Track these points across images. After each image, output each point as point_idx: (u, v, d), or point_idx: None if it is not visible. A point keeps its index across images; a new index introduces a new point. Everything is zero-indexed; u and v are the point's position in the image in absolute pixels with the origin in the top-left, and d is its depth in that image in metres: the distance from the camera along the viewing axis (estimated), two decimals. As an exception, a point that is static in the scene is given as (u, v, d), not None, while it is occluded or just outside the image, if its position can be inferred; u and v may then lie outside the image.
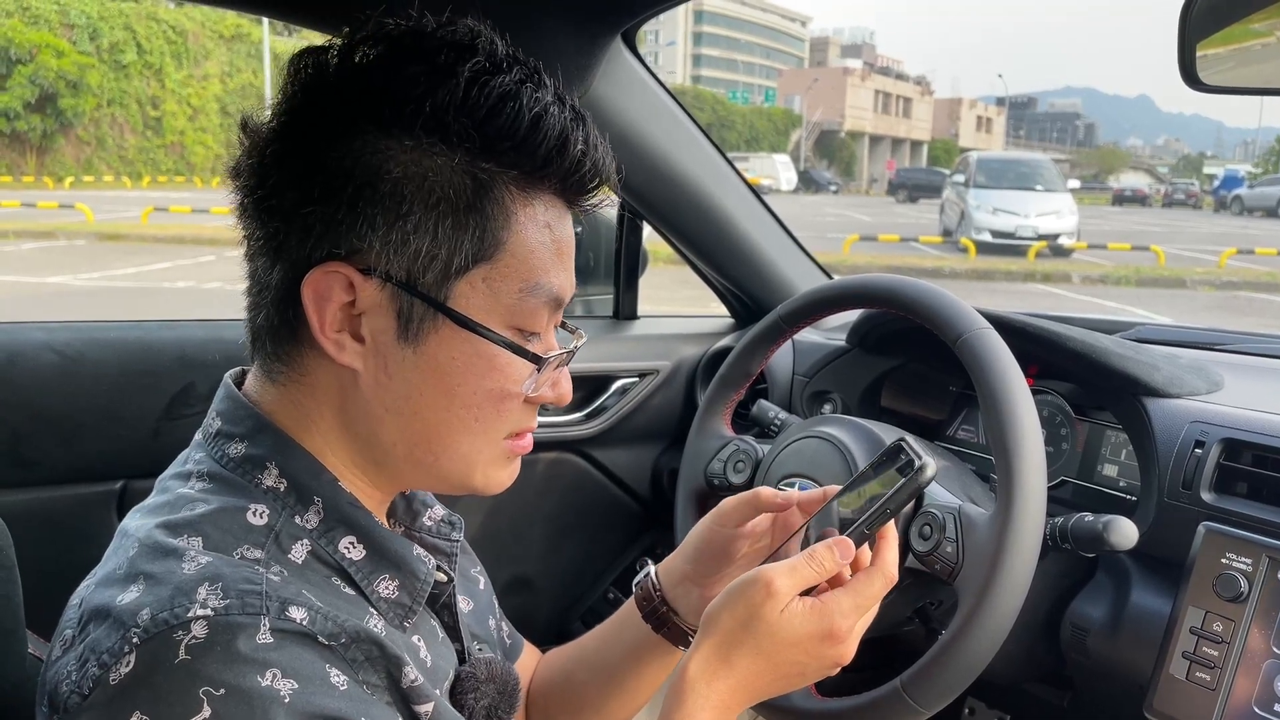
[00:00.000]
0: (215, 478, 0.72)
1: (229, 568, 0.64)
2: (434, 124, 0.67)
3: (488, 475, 0.78)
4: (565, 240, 0.76)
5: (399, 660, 0.68)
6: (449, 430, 0.74)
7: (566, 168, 0.72)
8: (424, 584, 0.75)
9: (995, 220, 16.23)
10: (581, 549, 1.84)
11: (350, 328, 0.71)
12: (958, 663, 0.91)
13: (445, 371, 0.72)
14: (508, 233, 0.71)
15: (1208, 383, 1.22)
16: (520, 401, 0.76)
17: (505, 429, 0.76)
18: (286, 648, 0.61)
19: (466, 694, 0.80)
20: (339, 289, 0.69)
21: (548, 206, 0.73)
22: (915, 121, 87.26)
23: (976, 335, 1.00)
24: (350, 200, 0.68)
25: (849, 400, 1.52)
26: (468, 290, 0.71)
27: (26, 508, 1.23)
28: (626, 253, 1.79)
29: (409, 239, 0.68)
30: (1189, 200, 40.94)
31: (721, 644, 0.76)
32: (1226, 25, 0.98)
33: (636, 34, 1.39)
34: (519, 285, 0.72)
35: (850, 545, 0.77)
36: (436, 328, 0.71)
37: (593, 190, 0.76)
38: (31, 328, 1.31)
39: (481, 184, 0.69)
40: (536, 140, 0.69)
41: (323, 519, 0.72)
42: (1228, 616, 1.00)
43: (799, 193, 42.19)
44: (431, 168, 0.68)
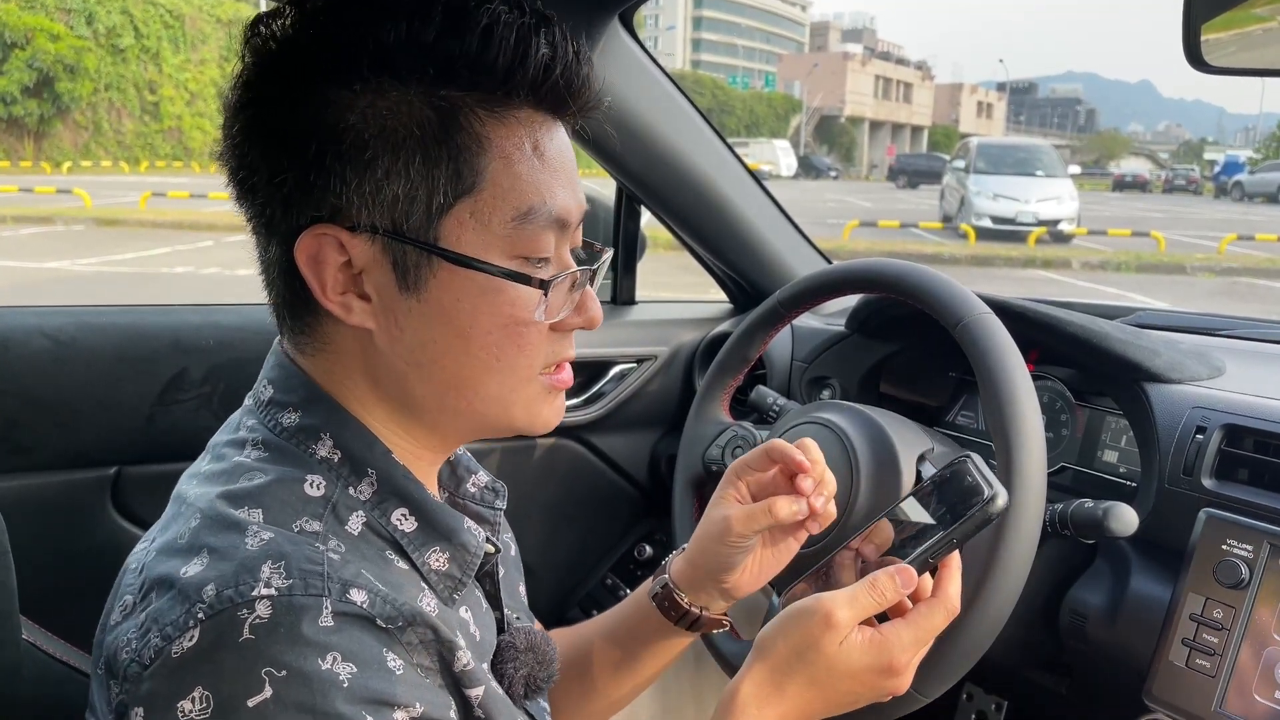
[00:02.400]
0: (270, 446, 0.72)
1: (291, 545, 0.64)
2: (380, 62, 0.66)
3: (531, 413, 0.76)
4: (556, 156, 0.72)
5: (453, 644, 0.68)
6: (472, 373, 0.72)
7: (534, 77, 0.68)
8: (474, 556, 0.75)
9: (995, 206, 16.21)
10: (579, 535, 1.84)
11: (354, 288, 0.70)
12: (956, 649, 0.91)
13: (452, 314, 0.70)
14: (485, 159, 0.68)
15: (1209, 368, 1.21)
16: (543, 332, 0.73)
17: (534, 363, 0.74)
18: (346, 630, 0.61)
19: (506, 663, 0.79)
20: (331, 251, 0.68)
21: (528, 124, 0.70)
22: (916, 107, 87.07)
23: (977, 320, 0.99)
24: (316, 160, 0.66)
25: (848, 386, 1.52)
26: (456, 227, 0.68)
27: (20, 494, 1.23)
28: (625, 237, 1.78)
29: (383, 186, 0.66)
30: (1189, 186, 40.85)
31: (776, 670, 0.74)
32: (1231, 7, 0.98)
33: (634, 16, 1.38)
34: (510, 213, 0.69)
35: (913, 574, 0.75)
36: (434, 271, 0.69)
37: (576, 95, 0.71)
38: (24, 313, 1.31)
39: (445, 114, 0.67)
40: (491, 55, 0.66)
41: (376, 490, 0.72)
42: (1228, 603, 1.00)
43: (799, 178, 42.13)
44: (387, 108, 0.66)
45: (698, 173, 1.56)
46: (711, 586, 0.94)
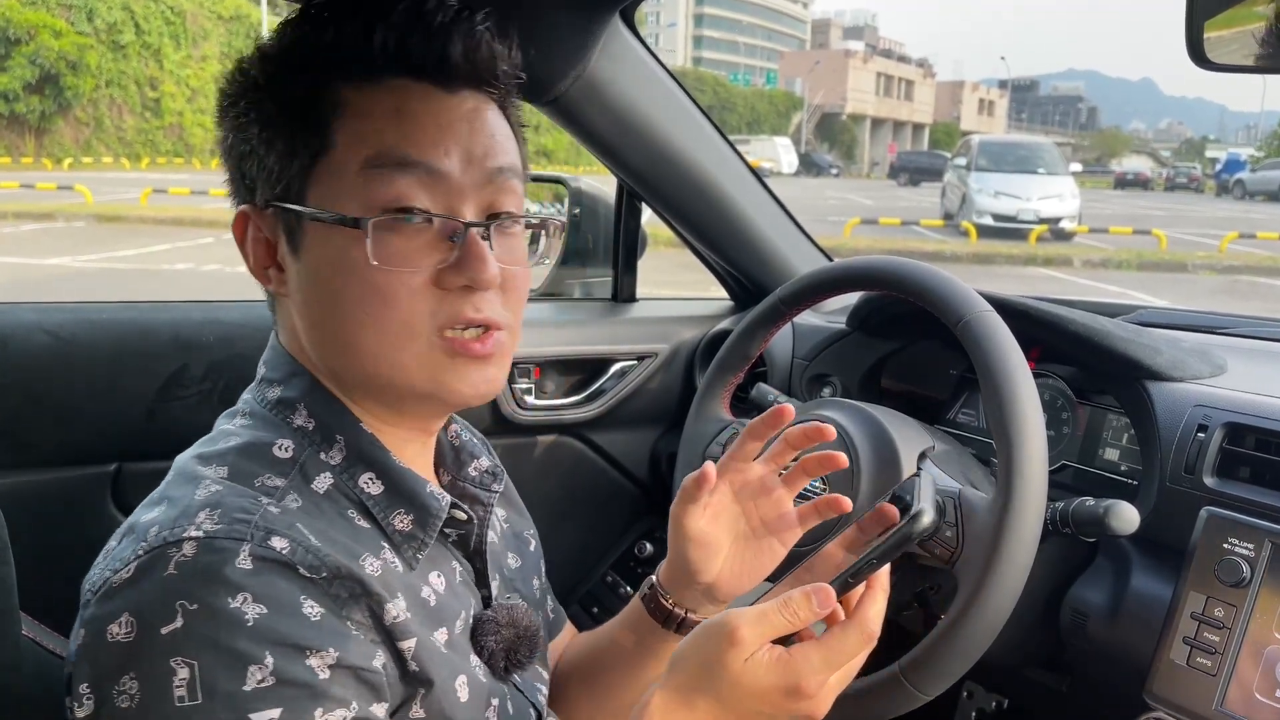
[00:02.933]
0: (254, 415, 0.80)
1: (234, 496, 0.70)
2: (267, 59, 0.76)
3: (434, 379, 0.76)
4: (427, 116, 0.75)
5: (380, 597, 0.71)
6: (347, 330, 0.75)
7: (391, 52, 0.74)
8: (435, 518, 0.78)
9: (997, 204, 16.20)
10: (580, 532, 1.84)
11: (274, 260, 0.78)
12: (957, 648, 0.90)
13: (319, 271, 0.75)
14: (342, 120, 0.74)
15: (1211, 366, 1.21)
16: (413, 285, 0.73)
17: (412, 319, 0.74)
18: (264, 575, 0.65)
19: (486, 635, 0.83)
20: (251, 228, 0.78)
21: (399, 91, 0.75)
22: (917, 104, 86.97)
23: (978, 318, 0.99)
24: (229, 153, 0.79)
25: (849, 383, 1.51)
26: (318, 186, 0.74)
27: (20, 490, 1.23)
28: (625, 235, 1.78)
29: (265, 162, 0.75)
30: (1191, 184, 40.81)
31: (684, 686, 0.73)
32: (1234, 4, 0.97)
33: (636, 13, 1.38)
34: (358, 163, 0.73)
35: (830, 595, 0.72)
36: (304, 232, 0.75)
37: (447, 64, 0.76)
38: (24, 309, 1.30)
39: (310, 87, 0.74)
40: (342, 36, 0.74)
41: (345, 456, 0.77)
42: (1229, 602, 0.99)
43: (800, 176, 42.10)
44: (265, 97, 0.75)
45: (699, 170, 1.56)
46: (693, 588, 0.96)
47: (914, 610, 1.15)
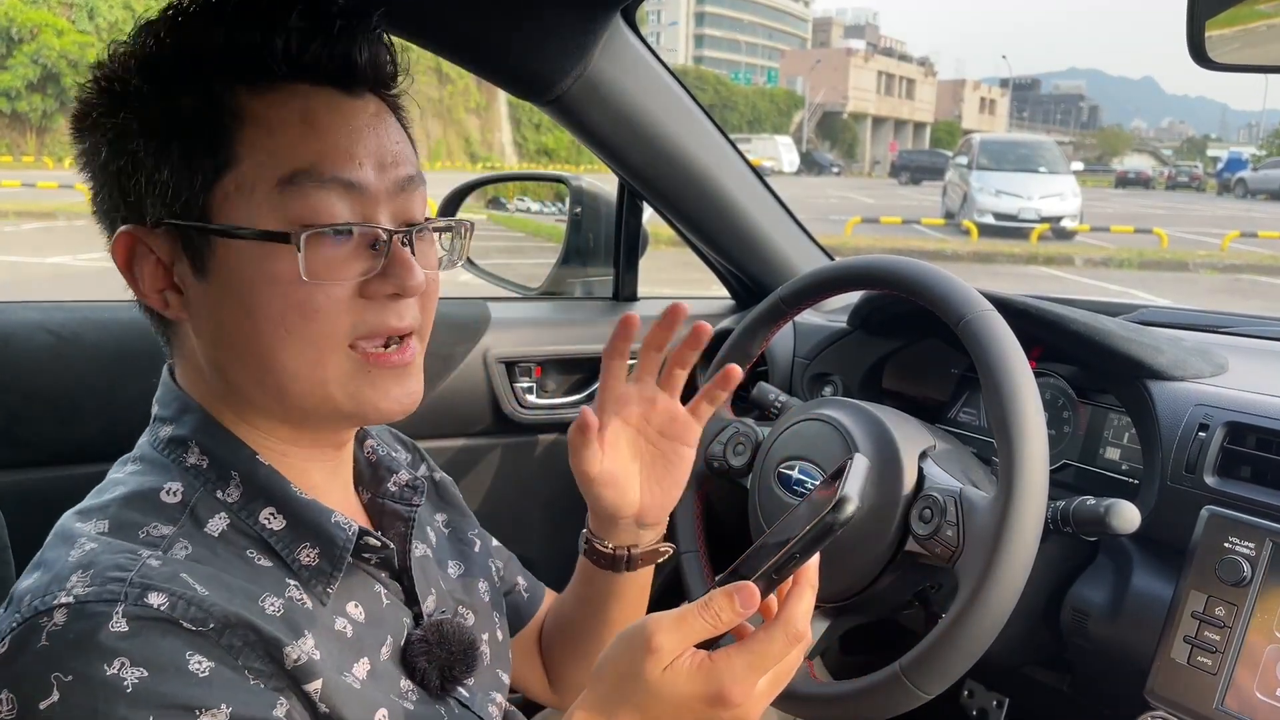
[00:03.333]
0: (145, 459, 0.76)
1: (108, 554, 0.66)
2: (147, 66, 0.71)
3: (353, 395, 0.74)
4: (338, 125, 0.72)
5: (277, 641, 0.68)
6: (267, 348, 0.72)
7: (287, 52, 0.70)
8: (343, 550, 0.75)
9: (998, 202, 16.20)
10: (581, 531, 1.83)
11: (168, 284, 0.73)
12: (958, 647, 0.90)
13: (235, 289, 0.71)
14: (243, 131, 0.70)
15: (1212, 366, 1.21)
16: (335, 296, 0.72)
17: (333, 331, 0.72)
18: (142, 635, 0.62)
19: (417, 656, 0.80)
20: (140, 250, 0.72)
21: (301, 96, 0.71)
22: (918, 103, 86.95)
23: (979, 317, 0.99)
24: (103, 169, 0.72)
25: (850, 382, 1.51)
26: (223, 202, 0.70)
27: (20, 489, 1.23)
28: (627, 234, 1.78)
29: (154, 177, 0.70)
30: (1192, 183, 40.83)
31: (604, 698, 0.69)
32: (1235, 3, 0.97)
33: (637, 12, 1.38)
34: (273, 179, 0.70)
35: (753, 593, 0.66)
36: (212, 250, 0.71)
37: (347, 66, 0.73)
38: (26, 308, 1.30)
39: (201, 97, 0.70)
40: (241, 38, 0.70)
41: (243, 492, 0.74)
42: (1230, 601, 0.99)
43: (801, 174, 42.10)
44: (156, 105, 0.70)
45: (700, 169, 1.56)
46: (622, 524, 0.98)
47: (914, 609, 1.15)
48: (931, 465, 1.06)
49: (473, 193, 1.96)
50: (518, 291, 1.91)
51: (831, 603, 1.09)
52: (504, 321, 1.63)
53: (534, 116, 34.80)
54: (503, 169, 28.00)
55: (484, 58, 1.31)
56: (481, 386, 1.60)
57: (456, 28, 1.24)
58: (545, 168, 27.54)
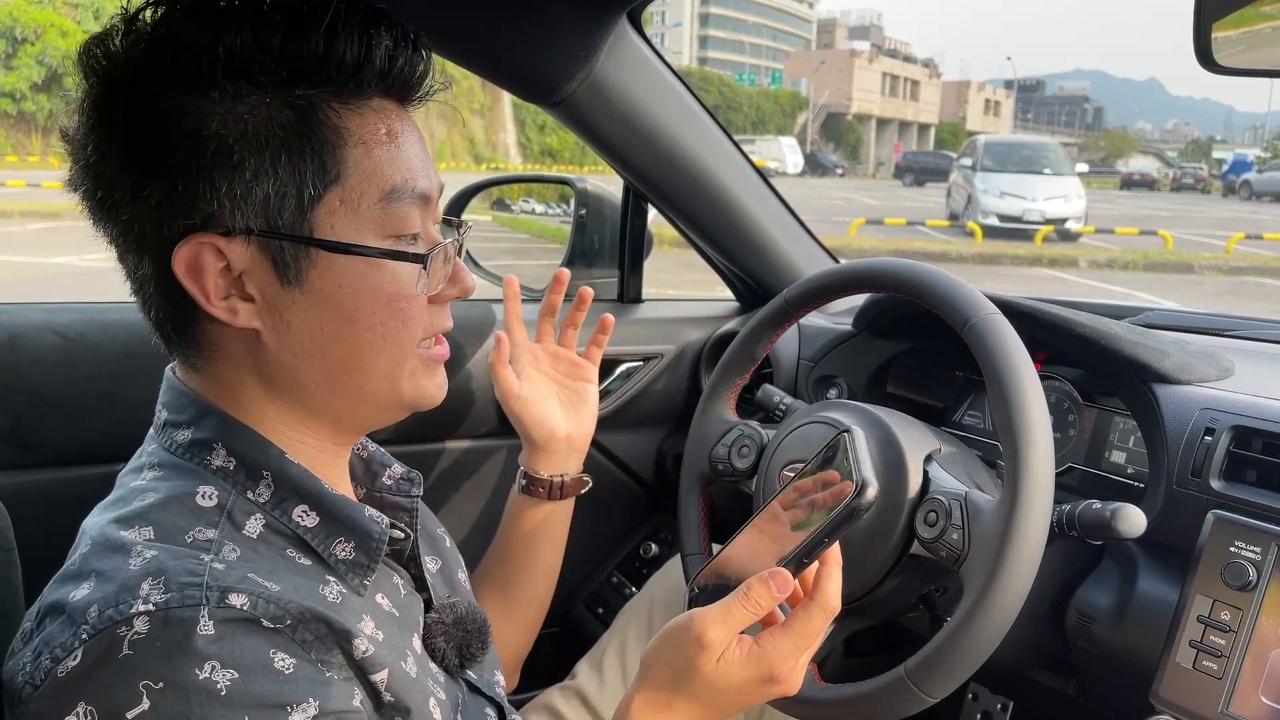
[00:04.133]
0: (165, 465, 0.75)
1: (173, 559, 0.66)
2: (234, 69, 0.68)
3: (416, 387, 0.80)
4: (410, 138, 0.76)
5: (348, 633, 0.69)
6: (361, 354, 0.75)
7: (381, 69, 0.73)
8: (379, 542, 0.77)
9: (1002, 204, 16.18)
10: (585, 532, 1.83)
11: (237, 290, 0.72)
12: (963, 650, 0.90)
13: (337, 300, 0.73)
14: (346, 149, 0.72)
15: (1218, 369, 1.21)
16: (422, 305, 0.77)
17: (415, 336, 0.78)
18: (229, 637, 0.63)
19: (436, 638, 0.83)
20: (210, 257, 0.70)
21: (381, 113, 0.74)
22: (923, 104, 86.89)
23: (984, 320, 0.98)
24: (182, 170, 0.68)
25: (855, 385, 1.51)
26: (329, 216, 0.72)
27: (27, 490, 1.23)
28: (631, 235, 1.78)
29: (252, 188, 0.69)
30: (1197, 185, 40.76)
31: (661, 690, 0.75)
32: (1242, 5, 0.97)
33: (642, 14, 1.38)
34: (377, 195, 0.73)
35: (788, 579, 0.72)
36: (313, 262, 0.72)
37: (419, 82, 0.77)
38: (33, 309, 1.31)
39: (302, 111, 0.70)
40: (338, 52, 0.70)
41: (274, 491, 0.75)
42: (1236, 605, 0.99)
43: (805, 176, 42.09)
44: (247, 112, 0.68)
45: (704, 170, 1.56)
46: (551, 450, 1.21)
47: (919, 612, 1.15)
48: (937, 468, 1.05)
49: (478, 194, 1.96)
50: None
51: (836, 606, 1.09)
52: (508, 323, 1.63)
53: (538, 118, 34.82)
54: (507, 170, 27.99)
55: (489, 60, 1.31)
56: (486, 388, 1.60)
57: (462, 30, 1.24)
58: (549, 169, 27.50)
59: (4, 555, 0.93)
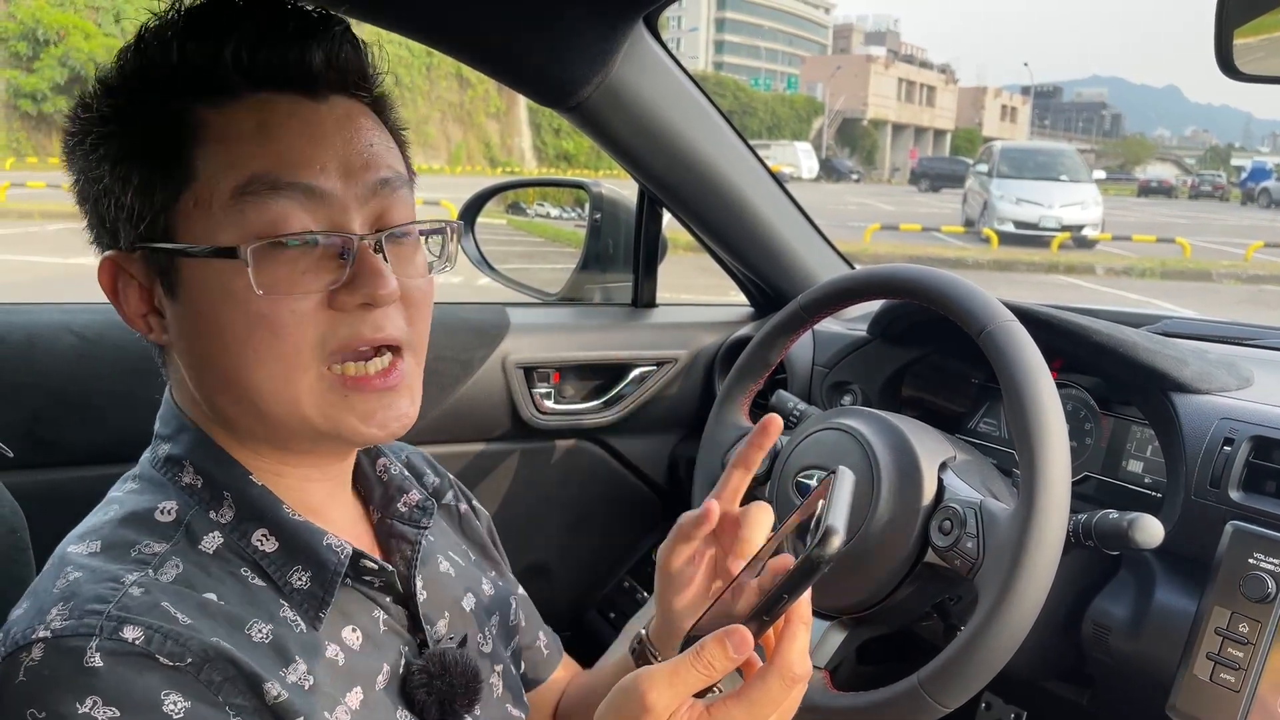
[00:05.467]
0: (144, 478, 0.76)
1: (92, 583, 0.64)
2: (111, 89, 0.71)
3: (329, 417, 0.71)
4: (296, 130, 0.69)
5: (257, 677, 0.65)
6: (238, 371, 0.70)
7: (239, 62, 0.68)
8: (334, 574, 0.73)
9: (1018, 210, 16.13)
10: (598, 537, 1.84)
11: (153, 307, 0.73)
12: (977, 660, 0.90)
13: (203, 310, 0.70)
14: (199, 148, 0.68)
15: (1237, 379, 1.19)
16: (300, 311, 0.69)
17: (299, 349, 0.69)
18: (116, 672, 0.60)
19: (417, 688, 0.77)
20: (122, 275, 0.72)
21: (256, 107, 0.69)
22: (939, 110, 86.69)
23: (1001, 327, 0.98)
24: (84, 195, 0.72)
25: (869, 392, 1.51)
26: (184, 220, 0.69)
27: (42, 489, 1.23)
28: (645, 239, 1.78)
29: (122, 201, 0.69)
30: (1216, 192, 40.53)
31: None
32: (1264, 12, 0.96)
33: (659, 18, 1.38)
34: (228, 191, 0.68)
35: (746, 637, 0.62)
36: (178, 271, 0.70)
37: (305, 73, 0.71)
38: (51, 309, 1.32)
39: (156, 116, 0.69)
40: (187, 55, 0.69)
41: (236, 513, 0.73)
42: (1254, 618, 0.98)
43: (820, 181, 42.03)
44: (120, 129, 0.70)
45: (720, 175, 1.56)
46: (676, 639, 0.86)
47: (933, 621, 1.14)
48: (952, 476, 1.05)
49: (493, 198, 1.97)
50: (537, 297, 1.91)
51: (849, 614, 1.08)
52: (523, 327, 1.63)
53: (553, 121, 34.89)
54: (522, 174, 28.03)
55: (506, 64, 1.31)
56: (500, 392, 1.61)
57: (479, 34, 1.25)
58: (564, 173, 27.52)
59: (19, 555, 0.93)
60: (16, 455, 1.12)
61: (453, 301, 1.65)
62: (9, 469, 1.06)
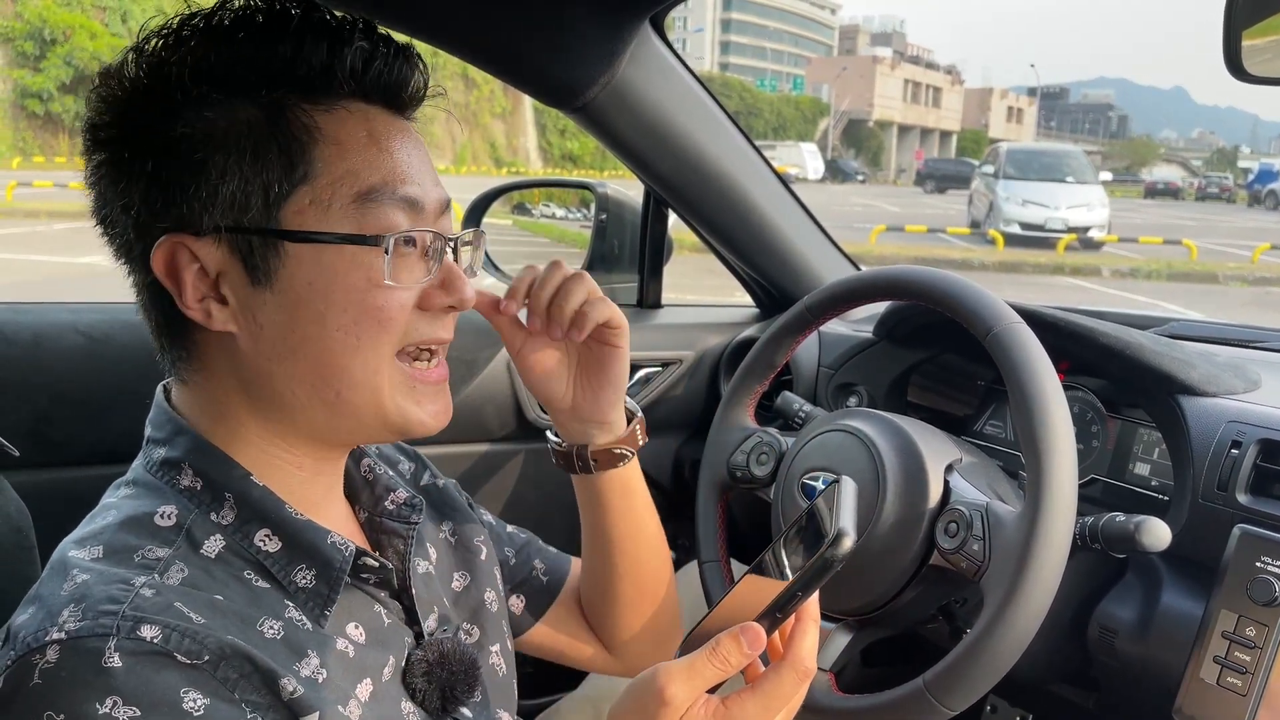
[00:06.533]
0: (139, 483, 0.76)
1: (101, 584, 0.65)
2: (200, 73, 0.69)
3: (402, 409, 0.76)
4: (397, 144, 0.75)
5: (273, 673, 0.66)
6: (334, 356, 0.73)
7: (353, 71, 0.72)
8: (339, 571, 0.74)
9: (1024, 212, 16.11)
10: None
11: (213, 293, 0.72)
12: (983, 663, 0.89)
13: (306, 297, 0.72)
14: (317, 149, 0.71)
15: (1245, 381, 1.19)
16: (400, 305, 0.74)
17: (393, 339, 0.74)
18: (135, 671, 0.61)
19: (416, 676, 0.79)
20: (184, 259, 0.71)
21: (360, 115, 0.73)
22: (945, 111, 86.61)
23: (1008, 329, 0.98)
24: (153, 176, 0.70)
25: (875, 393, 1.50)
26: (297, 215, 0.71)
27: (49, 488, 1.23)
28: (651, 240, 1.78)
29: (218, 188, 0.70)
30: (1222, 194, 40.46)
31: None
32: (1273, 14, 0.96)
33: (665, 19, 1.38)
34: (350, 194, 0.71)
35: (760, 634, 0.66)
36: (282, 259, 0.71)
37: (400, 87, 0.76)
38: (58, 309, 1.32)
39: (270, 110, 0.70)
40: (305, 55, 0.71)
41: (237, 514, 0.73)
42: (1261, 621, 0.98)
43: (826, 182, 42.03)
44: (212, 115, 0.70)
45: (726, 176, 1.55)
46: (568, 421, 1.00)
47: (939, 623, 1.14)
48: (957, 479, 1.05)
49: (499, 198, 1.97)
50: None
51: (855, 616, 1.08)
52: (528, 327, 1.63)
53: (559, 122, 34.94)
54: (527, 174, 28.04)
55: (512, 65, 1.31)
56: (505, 392, 1.61)
57: (485, 34, 1.25)
58: (569, 173, 27.50)
59: (25, 554, 0.94)
60: (23, 454, 1.12)
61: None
62: (15, 468, 1.06)
